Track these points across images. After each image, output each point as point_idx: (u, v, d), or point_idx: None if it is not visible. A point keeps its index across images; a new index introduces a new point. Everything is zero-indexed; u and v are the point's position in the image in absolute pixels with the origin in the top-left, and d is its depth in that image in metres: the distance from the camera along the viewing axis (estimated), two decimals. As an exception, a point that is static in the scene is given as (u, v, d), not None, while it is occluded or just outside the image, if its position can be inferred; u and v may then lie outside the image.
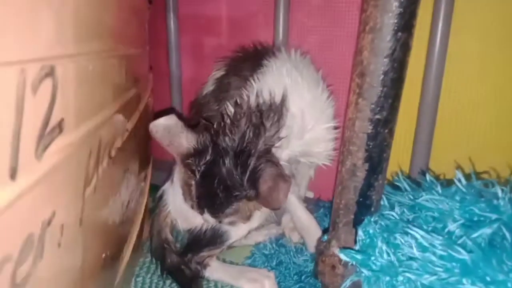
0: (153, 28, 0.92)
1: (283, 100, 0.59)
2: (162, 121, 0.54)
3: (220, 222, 0.60)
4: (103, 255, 0.42)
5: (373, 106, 0.44)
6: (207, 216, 0.58)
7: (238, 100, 0.59)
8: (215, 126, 0.58)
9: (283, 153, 0.60)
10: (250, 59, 0.69)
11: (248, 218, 0.61)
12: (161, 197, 0.73)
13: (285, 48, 0.71)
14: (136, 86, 0.52)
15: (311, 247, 0.68)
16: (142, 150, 0.60)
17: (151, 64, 0.83)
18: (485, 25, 0.67)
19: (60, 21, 0.26)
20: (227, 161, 0.55)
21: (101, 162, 0.36)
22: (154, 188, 0.77)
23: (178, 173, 0.67)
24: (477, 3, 0.66)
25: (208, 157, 0.56)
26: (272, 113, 0.57)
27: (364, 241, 0.47)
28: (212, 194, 0.56)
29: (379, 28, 0.42)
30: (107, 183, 0.40)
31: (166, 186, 0.73)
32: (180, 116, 0.56)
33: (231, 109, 0.59)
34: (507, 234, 0.40)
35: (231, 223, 0.61)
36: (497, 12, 0.65)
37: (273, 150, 0.57)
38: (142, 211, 0.64)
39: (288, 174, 0.58)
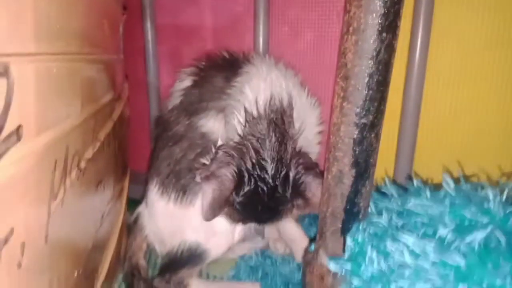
0: (130, 37, 0.90)
1: (290, 105, 0.58)
2: (205, 205, 0.53)
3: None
4: (76, 273, 0.39)
5: (358, 110, 0.43)
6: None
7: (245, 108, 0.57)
8: (234, 150, 0.55)
9: None
10: (223, 67, 0.65)
11: None
12: (136, 220, 0.68)
13: (260, 54, 0.69)
14: (109, 93, 0.49)
15: (299, 257, 0.66)
16: (117, 162, 0.57)
17: (127, 73, 0.80)
18: (465, 31, 0.67)
19: (15, 16, 0.24)
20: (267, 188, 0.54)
21: (69, 174, 0.33)
22: (132, 203, 0.73)
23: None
24: (457, 9, 0.66)
25: (246, 188, 0.55)
26: (287, 118, 0.57)
27: (353, 249, 0.45)
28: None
29: (363, 29, 0.41)
30: (77, 196, 0.37)
31: (141, 209, 0.68)
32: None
33: (240, 119, 0.56)
34: (501, 238, 0.39)
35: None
36: (477, 18, 0.65)
37: None
38: (119, 225, 0.60)
39: None
